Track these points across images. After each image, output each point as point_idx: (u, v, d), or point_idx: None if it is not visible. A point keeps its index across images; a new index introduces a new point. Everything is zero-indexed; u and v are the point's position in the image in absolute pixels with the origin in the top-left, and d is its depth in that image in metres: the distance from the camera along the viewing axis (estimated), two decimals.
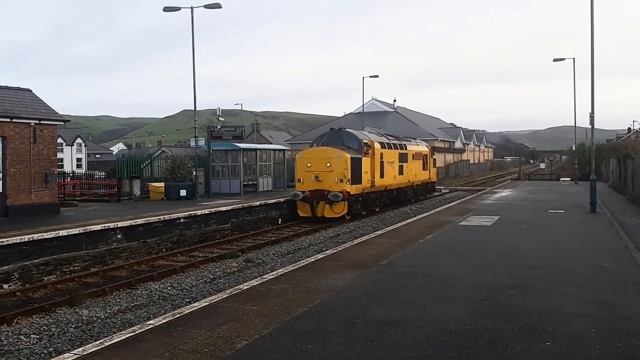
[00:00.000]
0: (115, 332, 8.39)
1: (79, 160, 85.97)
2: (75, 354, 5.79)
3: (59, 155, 21.77)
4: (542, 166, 69.05)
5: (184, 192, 25.61)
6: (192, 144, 34.43)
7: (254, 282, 9.41)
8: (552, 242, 13.66)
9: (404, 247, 12.88)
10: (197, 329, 6.69)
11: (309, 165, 23.78)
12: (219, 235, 20.06)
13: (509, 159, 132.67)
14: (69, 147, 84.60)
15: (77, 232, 14.90)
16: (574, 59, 39.51)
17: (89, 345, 6.18)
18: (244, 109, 75.90)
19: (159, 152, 54.80)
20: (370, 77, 46.29)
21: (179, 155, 31.05)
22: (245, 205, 22.08)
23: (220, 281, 13.26)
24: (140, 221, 17.05)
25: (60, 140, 71.10)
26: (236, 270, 14.56)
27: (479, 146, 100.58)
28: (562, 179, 49.58)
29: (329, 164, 23.31)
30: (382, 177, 26.77)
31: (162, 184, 26.80)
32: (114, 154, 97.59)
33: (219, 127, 29.95)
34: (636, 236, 14.38)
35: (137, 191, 27.43)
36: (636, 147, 58.81)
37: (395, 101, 79.74)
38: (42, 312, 10.81)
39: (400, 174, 29.83)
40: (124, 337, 6.38)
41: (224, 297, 8.36)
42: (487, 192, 34.02)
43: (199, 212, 19.57)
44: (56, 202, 20.40)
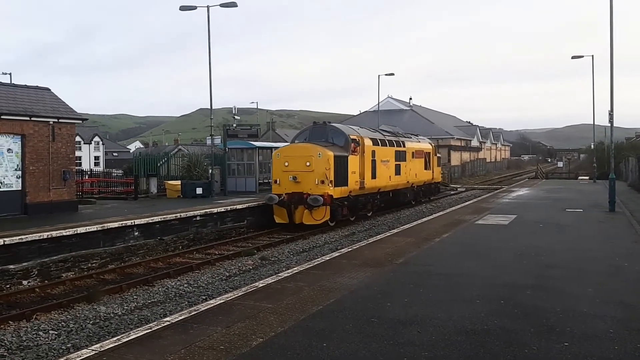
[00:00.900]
0: (131, 329, 8.48)
1: (97, 158, 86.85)
2: (93, 350, 5.85)
3: (77, 153, 22.05)
4: (560, 165, 68.33)
5: (200, 190, 25.75)
6: (208, 142, 34.64)
7: (270, 280, 9.43)
8: (570, 241, 13.51)
9: (419, 245, 12.82)
10: (213, 326, 6.73)
11: (287, 164, 20.81)
12: (234, 233, 20.15)
13: (526, 157, 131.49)
14: (87, 146, 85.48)
15: (95, 229, 15.06)
16: (592, 56, 39.05)
17: (107, 341, 6.24)
18: (259, 107, 76.17)
19: (176, 150, 55.22)
20: (386, 75, 46.08)
21: (195, 153, 31.28)
22: (260, 203, 22.14)
23: (235, 279, 13.32)
24: (157, 219, 17.19)
25: (78, 138, 71.87)
26: (252, 268, 14.61)
27: (496, 144, 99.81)
28: (580, 178, 49.03)
29: (308, 163, 20.39)
30: (374, 177, 23.70)
31: (179, 182, 26.98)
32: (131, 152, 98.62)
33: (234, 125, 30.10)
34: None
35: (154, 189, 27.65)
36: None
37: (411, 99, 79.45)
38: (60, 309, 10.93)
39: (397, 174, 26.73)
40: (141, 333, 6.43)
41: (239, 294, 8.39)
42: (503, 191, 33.76)
43: (215, 210, 19.68)
44: (74, 200, 20.63)
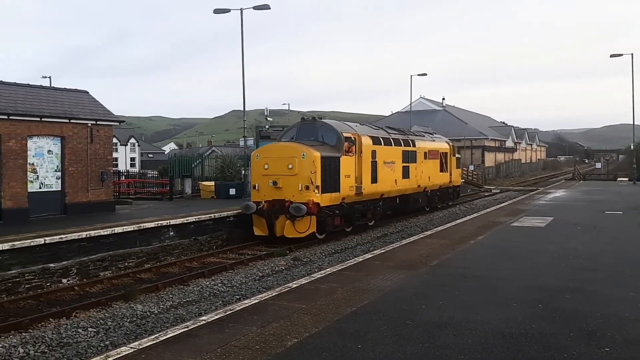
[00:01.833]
0: (168, 327, 8.61)
1: (133, 159, 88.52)
2: (131, 348, 5.96)
3: (114, 154, 22.51)
4: (598, 166, 66.63)
5: (233, 191, 26.02)
6: (241, 143, 34.97)
7: (303, 281, 9.46)
8: (610, 244, 13.17)
9: (454, 248, 12.68)
10: (248, 325, 6.78)
11: (266, 167, 18.10)
12: None
13: (562, 158, 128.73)
14: (123, 147, 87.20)
15: (132, 229, 15.35)
16: (632, 54, 38.09)
17: (145, 339, 6.35)
18: (291, 108, 76.47)
19: (209, 151, 55.90)
20: (418, 75, 45.71)
21: (228, 154, 31.66)
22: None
23: (268, 279, 13.40)
24: (191, 219, 17.43)
25: (115, 140, 73.39)
26: (284, 268, 14.68)
27: (531, 145, 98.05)
28: (619, 179, 47.72)
29: (290, 166, 17.54)
30: (374, 181, 20.78)
31: (212, 183, 27.32)
32: (165, 153, 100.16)
33: (267, 127, 30.33)
34: None
35: (188, 190, 28.05)
36: None
37: (444, 99, 78.64)
38: (98, 307, 11.18)
39: (405, 177, 23.60)
40: (178, 332, 6.53)
41: (273, 294, 8.44)
42: (539, 193, 33.12)
43: None
44: (112, 200, 21.08)
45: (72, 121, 19.19)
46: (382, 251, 12.55)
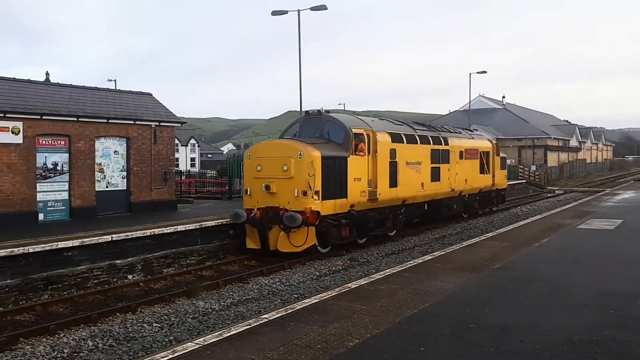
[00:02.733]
0: (229, 324, 8.75)
1: (193, 159, 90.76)
2: (196, 344, 6.09)
3: (175, 155, 23.18)
4: None
5: None
6: None
7: (362, 282, 9.42)
8: None
9: (517, 250, 12.32)
10: (309, 325, 6.80)
11: (259, 168, 15.64)
12: None
13: (630, 158, 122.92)
14: (184, 147, 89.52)
15: (194, 227, 15.71)
16: None
17: (209, 335, 6.48)
18: (346, 108, 76.57)
19: None
20: (477, 73, 44.69)
21: None
22: None
23: (325, 279, 13.42)
24: None
25: (176, 140, 75.35)
26: (341, 268, 14.66)
27: (597, 144, 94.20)
28: None
29: (286, 167, 15.06)
30: (393, 185, 17.96)
31: None
32: (224, 153, 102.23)
33: None
34: None
35: None
36: None
37: (504, 97, 76.65)
38: (162, 302, 11.50)
39: (434, 179, 20.69)
40: (241, 329, 6.63)
41: (333, 294, 8.44)
42: (606, 194, 31.76)
43: None
44: (174, 199, 21.68)
45: (136, 122, 19.84)
46: (442, 253, 12.34)
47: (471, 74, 45.11)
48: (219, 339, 6.27)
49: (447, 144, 22.00)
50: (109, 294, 12.36)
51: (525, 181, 45.09)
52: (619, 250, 12.23)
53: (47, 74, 25.43)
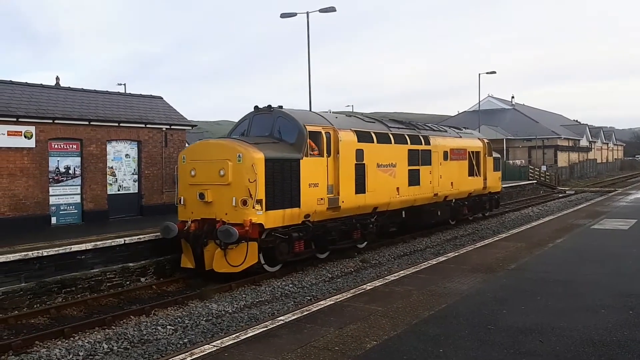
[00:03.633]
0: (243, 327, 8.73)
1: None
2: (214, 346, 6.07)
3: None
4: None
5: None
6: None
7: (377, 283, 9.38)
8: None
9: (532, 251, 12.23)
10: (325, 326, 6.77)
11: (193, 173, 13.43)
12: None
13: None
14: None
15: None
16: None
17: (226, 338, 6.46)
18: (354, 109, 76.53)
19: None
20: (487, 73, 44.57)
21: None
22: None
23: (338, 280, 13.39)
24: None
25: (186, 144, 75.58)
26: (353, 270, 14.62)
27: (607, 144, 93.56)
28: None
29: (222, 172, 12.85)
30: (361, 191, 15.65)
31: None
32: None
33: None
34: None
35: None
36: None
37: (513, 98, 76.30)
38: (176, 305, 11.48)
39: (413, 183, 18.32)
40: (258, 331, 6.60)
41: (348, 296, 8.41)
42: (619, 194, 31.51)
43: None
44: None
45: (147, 126, 19.90)
46: (456, 254, 12.28)
47: (480, 74, 45.04)
48: (235, 341, 6.26)
49: (428, 143, 19.59)
50: (122, 296, 12.38)
51: (536, 182, 44.83)
52: (634, 250, 12.12)
53: (57, 78, 25.60)
